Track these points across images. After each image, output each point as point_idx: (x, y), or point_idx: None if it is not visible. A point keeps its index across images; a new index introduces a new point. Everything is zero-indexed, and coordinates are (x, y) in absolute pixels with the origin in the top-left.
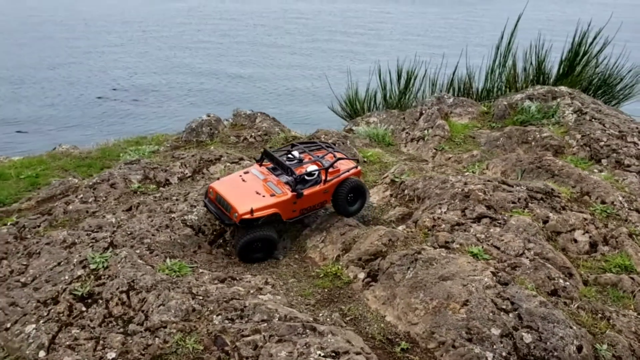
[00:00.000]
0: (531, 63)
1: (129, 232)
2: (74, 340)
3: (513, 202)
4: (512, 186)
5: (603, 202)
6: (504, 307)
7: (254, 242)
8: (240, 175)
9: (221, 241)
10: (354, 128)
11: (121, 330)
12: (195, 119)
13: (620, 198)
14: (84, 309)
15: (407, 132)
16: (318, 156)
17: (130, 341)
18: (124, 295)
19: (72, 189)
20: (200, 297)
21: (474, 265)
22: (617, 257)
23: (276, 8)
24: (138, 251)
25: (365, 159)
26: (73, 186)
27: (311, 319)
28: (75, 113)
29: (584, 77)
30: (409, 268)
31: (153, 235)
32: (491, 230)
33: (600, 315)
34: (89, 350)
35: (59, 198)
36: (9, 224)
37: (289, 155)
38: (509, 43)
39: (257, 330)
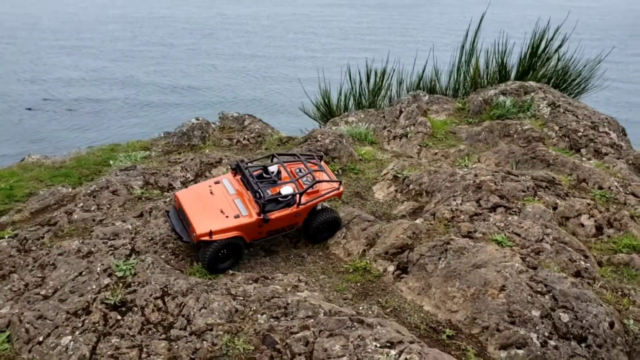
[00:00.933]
0: (495, 60)
1: (149, 238)
2: (116, 350)
3: (523, 191)
4: (518, 176)
5: (600, 188)
6: (539, 289)
7: (220, 250)
8: (210, 186)
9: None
10: (334, 128)
11: (163, 336)
12: (185, 123)
13: (616, 183)
14: (119, 317)
15: (388, 130)
16: (299, 170)
17: (176, 346)
18: (159, 301)
19: (68, 198)
20: (241, 298)
21: (502, 252)
22: (624, 238)
23: (210, 13)
24: (163, 256)
25: (360, 157)
26: (67, 195)
27: (355, 313)
28: (5, 126)
29: (545, 73)
30: (439, 258)
31: (175, 239)
32: (509, 218)
33: (620, 293)
34: (134, 358)
35: (54, 208)
36: (7, 237)
37: (265, 170)
38: (474, 42)
39: (305, 326)
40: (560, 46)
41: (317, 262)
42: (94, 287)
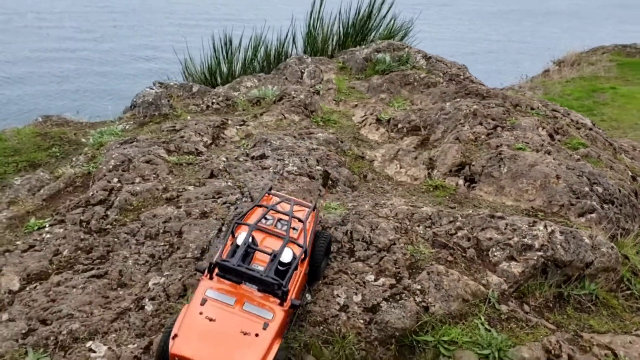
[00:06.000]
0: (338, 25)
1: (260, 188)
2: (325, 277)
3: (503, 114)
4: (489, 104)
5: (532, 109)
6: (578, 174)
7: None
8: (201, 313)
9: (330, 182)
10: (235, 93)
11: (352, 259)
12: (144, 92)
13: (539, 104)
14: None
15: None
16: (279, 223)
17: (374, 263)
18: None
19: (80, 179)
20: (391, 217)
21: (538, 155)
22: (573, 140)
23: None
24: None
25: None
26: (74, 176)
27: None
28: None
29: (379, 35)
30: (499, 165)
31: (282, 187)
32: (514, 132)
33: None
34: (348, 280)
35: (70, 191)
36: (47, 225)
37: (248, 247)
38: (320, 11)
39: (458, 227)
40: (388, 10)
41: (396, 189)
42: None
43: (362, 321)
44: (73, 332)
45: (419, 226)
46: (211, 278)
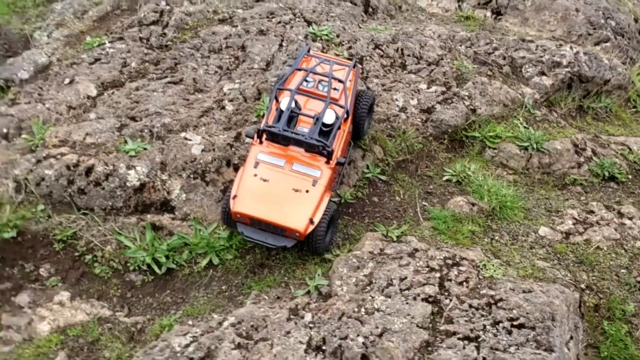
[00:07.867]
0: None
1: (312, 10)
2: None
3: None
4: None
5: None
6: (595, 8)
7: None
8: (255, 175)
9: (371, 9)
10: None
11: (405, 72)
12: None
13: None
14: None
15: None
16: (320, 84)
17: (424, 75)
18: (378, 50)
19: (124, 1)
20: (435, 38)
21: None
22: None
23: None
24: (339, 20)
25: None
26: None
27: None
28: None
29: None
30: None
31: (330, 10)
32: None
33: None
34: (400, 90)
35: (119, 14)
36: (107, 42)
37: (292, 105)
38: None
39: (495, 48)
40: None
41: (430, 19)
42: (314, 48)
43: (419, 120)
44: (166, 125)
45: (460, 46)
46: (261, 142)
